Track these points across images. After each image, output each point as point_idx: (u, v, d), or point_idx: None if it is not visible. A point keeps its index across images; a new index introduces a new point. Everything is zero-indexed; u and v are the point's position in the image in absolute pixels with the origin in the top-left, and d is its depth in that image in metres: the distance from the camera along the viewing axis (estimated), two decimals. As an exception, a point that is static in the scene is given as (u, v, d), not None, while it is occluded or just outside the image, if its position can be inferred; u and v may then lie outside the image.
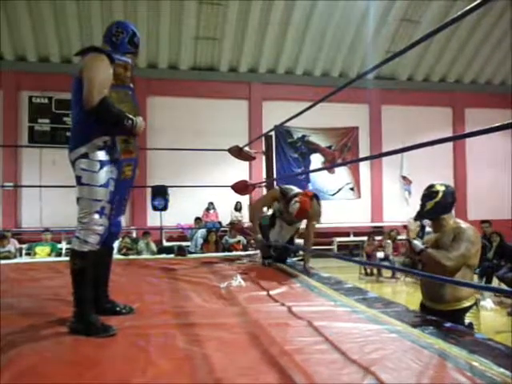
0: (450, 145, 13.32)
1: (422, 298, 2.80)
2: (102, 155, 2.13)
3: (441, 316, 2.35)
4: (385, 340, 1.90)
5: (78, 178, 2.12)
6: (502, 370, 1.54)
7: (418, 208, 2.83)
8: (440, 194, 2.72)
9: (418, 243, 2.68)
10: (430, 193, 2.76)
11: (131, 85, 2.48)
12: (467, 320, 2.55)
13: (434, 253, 2.58)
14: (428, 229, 2.93)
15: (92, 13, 10.36)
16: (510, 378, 1.48)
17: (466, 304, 2.58)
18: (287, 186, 3.95)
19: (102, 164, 2.12)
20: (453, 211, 2.79)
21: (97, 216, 2.10)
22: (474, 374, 1.53)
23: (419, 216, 2.84)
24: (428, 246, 2.68)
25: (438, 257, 2.53)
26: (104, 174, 2.13)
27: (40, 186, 10.68)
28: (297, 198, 3.66)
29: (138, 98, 2.62)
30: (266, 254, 4.06)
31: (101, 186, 2.11)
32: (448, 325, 2.12)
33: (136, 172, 2.53)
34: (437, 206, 2.71)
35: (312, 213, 3.74)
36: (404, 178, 12.95)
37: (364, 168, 12.89)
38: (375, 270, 9.24)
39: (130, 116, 2.17)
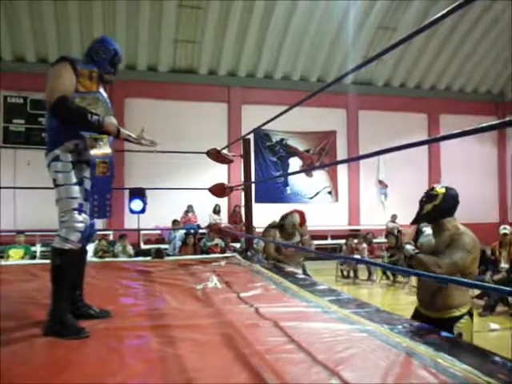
0: (425, 150, 13.61)
1: (417, 304, 2.70)
2: (73, 157, 2.22)
3: (431, 323, 2.28)
4: (354, 339, 1.95)
5: (54, 181, 2.20)
6: (464, 366, 1.61)
7: (393, 211, 2.78)
8: (439, 198, 2.55)
9: (409, 248, 2.55)
10: (428, 196, 2.60)
11: (101, 89, 2.37)
12: (456, 330, 2.43)
13: (425, 258, 2.45)
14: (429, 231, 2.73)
15: (69, 13, 10.22)
16: (471, 373, 1.55)
17: (457, 313, 2.48)
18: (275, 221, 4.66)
19: (74, 164, 2.21)
20: (455, 215, 2.60)
21: (76, 213, 2.15)
22: (437, 370, 1.59)
23: (416, 220, 2.68)
24: (419, 251, 2.55)
25: (428, 263, 2.40)
26: (77, 173, 2.21)
27: (14, 188, 10.46)
28: (292, 213, 4.46)
29: (116, 100, 2.59)
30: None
31: (75, 183, 2.18)
32: (417, 325, 2.18)
33: (113, 171, 2.38)
34: (435, 209, 2.55)
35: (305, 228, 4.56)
36: (380, 181, 13.17)
37: (341, 172, 13.06)
38: (352, 273, 9.36)
39: (94, 111, 2.16)
